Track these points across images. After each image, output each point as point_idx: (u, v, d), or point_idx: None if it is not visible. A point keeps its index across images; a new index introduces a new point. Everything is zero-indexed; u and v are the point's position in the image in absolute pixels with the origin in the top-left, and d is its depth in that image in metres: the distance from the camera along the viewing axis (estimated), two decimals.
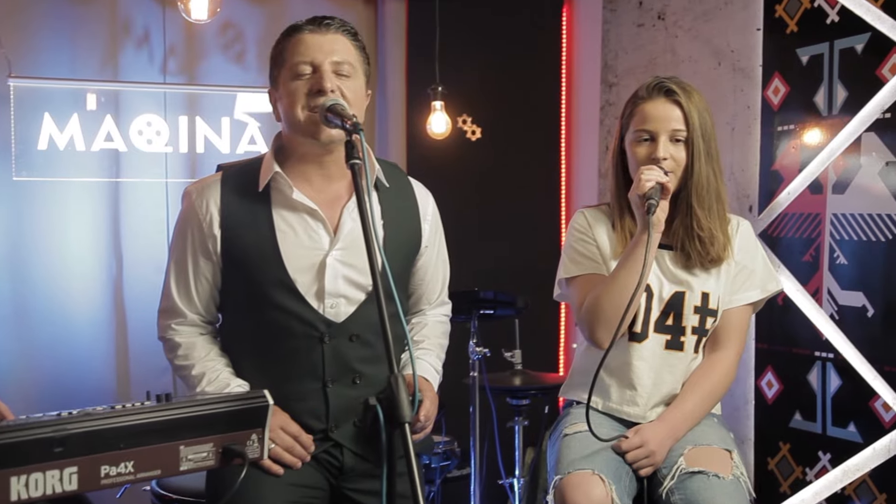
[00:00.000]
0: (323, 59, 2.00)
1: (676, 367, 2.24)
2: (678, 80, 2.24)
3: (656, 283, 2.23)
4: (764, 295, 2.30)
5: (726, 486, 2.00)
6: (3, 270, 3.63)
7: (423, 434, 2.05)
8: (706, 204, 2.20)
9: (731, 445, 2.16)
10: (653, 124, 2.19)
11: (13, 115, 3.61)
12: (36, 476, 1.48)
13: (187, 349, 2.09)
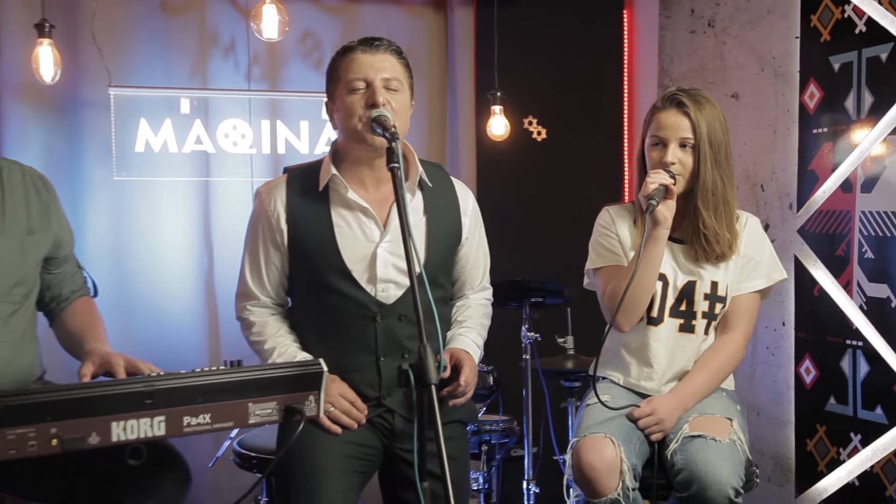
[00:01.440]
0: (374, 76, 2.28)
1: (688, 348, 2.47)
2: (692, 93, 2.46)
3: (671, 274, 2.47)
4: (769, 283, 2.52)
5: (722, 448, 2.22)
6: (105, 262, 3.98)
7: (465, 398, 2.31)
8: (711, 206, 2.43)
9: (734, 415, 2.38)
10: (664, 131, 2.43)
11: (113, 121, 3.97)
12: (131, 422, 1.80)
13: (260, 327, 2.40)
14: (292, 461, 2.19)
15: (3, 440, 1.68)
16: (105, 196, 3.98)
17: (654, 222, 2.36)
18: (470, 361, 2.31)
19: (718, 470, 2.15)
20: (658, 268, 2.40)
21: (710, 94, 3.54)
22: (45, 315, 2.43)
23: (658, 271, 2.41)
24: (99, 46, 3.92)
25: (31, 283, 2.23)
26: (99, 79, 3.96)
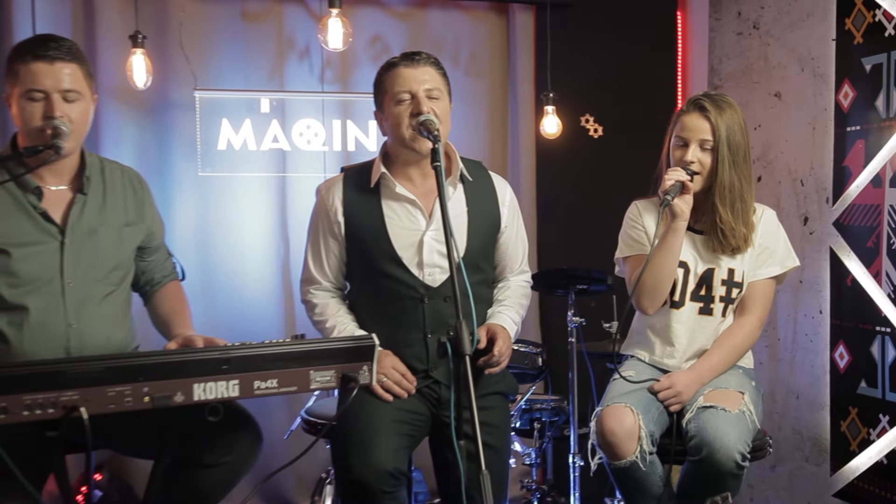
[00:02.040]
0: (418, 87, 2.56)
1: (707, 329, 2.70)
2: (715, 98, 2.68)
3: (692, 262, 2.70)
4: (783, 270, 2.73)
5: (731, 417, 2.44)
6: (191, 251, 4.33)
7: (500, 368, 2.57)
8: (728, 202, 2.65)
9: (746, 389, 2.59)
10: (686, 133, 2.66)
11: (198, 121, 4.33)
12: (210, 384, 2.11)
13: (322, 308, 2.70)
14: (349, 422, 2.48)
15: (104, 396, 2.00)
16: (191, 190, 4.34)
17: (672, 215, 2.60)
18: (504, 335, 2.57)
19: (726, 436, 2.38)
20: (677, 256, 2.63)
21: (755, 94, 3.78)
22: (141, 296, 2.76)
23: (677, 259, 2.64)
24: (185, 53, 4.28)
25: (126, 268, 2.56)
26: (185, 82, 4.32)
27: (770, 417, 3.89)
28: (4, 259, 2.29)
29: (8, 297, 2.30)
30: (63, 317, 2.34)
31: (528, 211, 4.73)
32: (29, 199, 2.37)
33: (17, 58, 2.34)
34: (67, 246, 2.38)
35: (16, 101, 2.34)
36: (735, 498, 2.44)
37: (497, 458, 2.59)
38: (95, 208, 2.47)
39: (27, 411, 1.94)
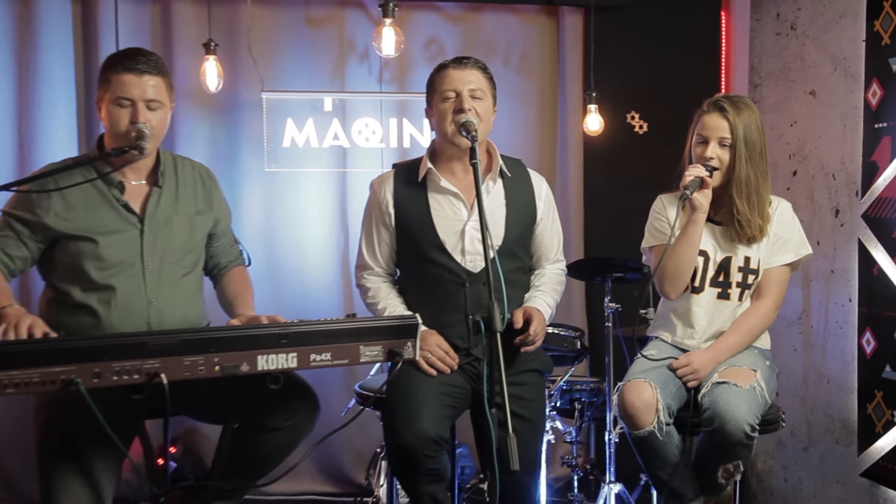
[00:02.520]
0: (462, 87, 2.82)
1: (724, 312, 2.91)
2: (734, 99, 2.89)
3: (712, 250, 2.92)
4: (797, 258, 2.93)
5: (741, 392, 2.65)
6: (257, 241, 4.66)
7: (535, 346, 2.81)
8: (745, 196, 2.85)
9: (759, 368, 2.80)
10: (706, 131, 2.87)
11: (265, 120, 4.65)
12: (272, 356, 2.39)
13: (375, 292, 2.98)
14: (397, 394, 2.75)
15: (180, 365, 2.30)
16: (258, 184, 4.67)
17: (691, 208, 2.82)
18: (539, 316, 2.82)
19: (736, 409, 2.59)
20: (697, 245, 2.85)
21: (792, 92, 3.96)
22: (210, 279, 3.07)
23: (697, 248, 2.86)
24: (254, 57, 4.59)
25: (198, 252, 2.87)
26: (253, 84, 4.64)
27: (803, 402, 4.07)
28: (93, 246, 2.61)
29: (97, 279, 2.62)
30: (144, 295, 2.66)
31: (576, 203, 4.97)
32: (112, 193, 2.69)
33: (110, 68, 2.66)
34: (146, 233, 2.69)
35: (106, 106, 2.66)
36: (767, 476, 2.65)
37: (532, 429, 2.85)
38: (170, 200, 2.78)
39: (116, 377, 2.25)
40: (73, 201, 2.64)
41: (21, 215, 2.63)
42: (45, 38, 4.48)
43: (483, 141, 2.91)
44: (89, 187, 2.66)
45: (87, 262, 2.62)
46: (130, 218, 2.69)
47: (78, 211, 2.63)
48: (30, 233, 2.63)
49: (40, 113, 4.50)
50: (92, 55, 4.53)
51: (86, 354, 2.22)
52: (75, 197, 2.64)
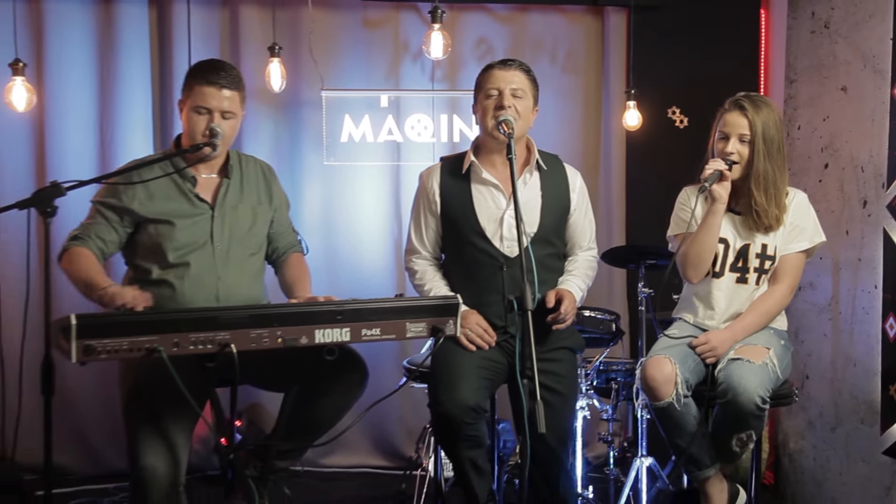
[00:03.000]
0: (505, 86, 3.10)
1: (742, 296, 3.15)
2: (753, 98, 3.12)
3: (731, 238, 3.15)
4: (811, 245, 3.15)
5: (754, 368, 2.89)
6: (317, 231, 4.98)
7: (566, 325, 3.08)
8: (762, 188, 3.08)
9: (773, 346, 3.02)
10: (727, 128, 3.10)
11: (324, 117, 4.97)
12: (327, 330, 2.70)
13: (422, 274, 3.27)
14: (440, 367, 3.05)
15: (248, 337, 2.61)
16: (317, 177, 5.01)
17: (711, 199, 3.06)
18: (570, 297, 3.08)
19: (748, 383, 2.83)
20: (717, 233, 3.08)
21: (825, 88, 4.17)
22: (271, 266, 3.39)
23: (717, 236, 3.09)
24: (314, 58, 4.92)
25: (260, 237, 3.20)
26: (314, 83, 4.96)
27: (831, 384, 4.26)
28: (170, 228, 2.96)
29: (173, 258, 2.97)
30: (214, 271, 3.00)
31: (618, 194, 5.21)
32: (186, 185, 3.04)
33: (194, 77, 3.01)
34: (216, 218, 3.04)
35: (186, 111, 3.01)
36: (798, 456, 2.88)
37: (564, 401, 3.12)
38: (236, 190, 3.12)
39: (192, 346, 2.57)
40: (154, 191, 2.99)
41: (111, 203, 2.99)
42: (123, 43, 4.85)
43: (522, 136, 3.18)
44: (167, 179, 3.01)
45: (165, 243, 2.96)
46: (202, 206, 3.04)
47: (157, 199, 2.98)
48: (118, 219, 2.98)
49: (119, 112, 4.88)
50: (166, 58, 4.90)
51: (167, 326, 2.55)
52: (156, 187, 2.99)
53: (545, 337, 3.09)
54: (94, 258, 2.96)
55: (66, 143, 4.88)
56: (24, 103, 4.43)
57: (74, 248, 2.98)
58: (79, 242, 2.98)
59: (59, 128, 4.86)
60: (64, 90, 4.82)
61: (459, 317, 2.83)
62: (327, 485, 4.99)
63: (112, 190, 3.01)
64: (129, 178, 2.98)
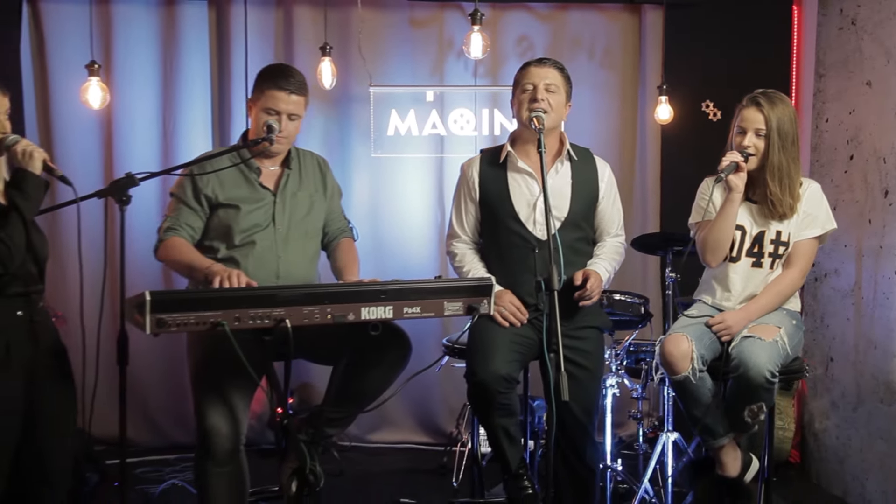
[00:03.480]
0: (539, 81, 3.36)
1: (757, 279, 3.36)
2: (769, 94, 3.32)
3: (748, 225, 3.36)
4: (823, 232, 3.35)
5: (765, 345, 3.10)
6: (365, 219, 5.26)
7: (591, 301, 3.31)
8: (776, 178, 3.28)
9: (784, 325, 3.23)
10: (745, 123, 3.32)
11: (372, 112, 5.27)
12: (372, 308, 2.97)
13: (461, 257, 3.54)
14: (476, 342, 3.31)
15: (301, 313, 2.89)
16: (365, 168, 5.31)
17: (728, 189, 3.28)
18: (595, 276, 3.31)
19: (758, 358, 3.05)
20: (733, 221, 3.30)
21: (851, 83, 4.37)
22: (324, 250, 3.67)
23: (734, 223, 3.31)
24: (363, 55, 5.21)
25: (316, 224, 3.48)
26: (362, 80, 5.26)
27: (854, 366, 4.46)
28: (237, 212, 3.26)
29: (239, 238, 3.27)
30: (275, 251, 3.29)
31: (653, 184, 5.44)
32: (252, 175, 3.34)
33: (265, 81, 3.29)
34: (277, 203, 3.33)
35: (255, 109, 3.30)
36: (823, 435, 3.09)
37: (590, 376, 3.37)
38: (295, 180, 3.42)
39: (251, 321, 2.86)
40: (224, 179, 3.29)
41: (192, 191, 3.29)
42: (185, 42, 5.20)
43: (555, 128, 3.42)
44: (235, 169, 3.32)
45: (233, 225, 3.26)
46: (265, 193, 3.34)
47: (227, 186, 3.29)
48: (200, 206, 3.29)
49: (180, 107, 5.23)
50: (224, 56, 5.23)
51: (229, 303, 2.84)
52: (226, 176, 3.30)
53: (573, 315, 3.34)
54: (189, 244, 3.27)
55: (132, 137, 5.24)
56: (98, 101, 4.80)
57: (170, 239, 3.27)
58: (173, 233, 3.27)
59: (125, 123, 5.23)
60: (130, 88, 5.18)
61: (493, 297, 3.08)
62: (374, 459, 5.30)
63: (190, 180, 3.31)
64: (203, 168, 3.28)
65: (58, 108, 5.18)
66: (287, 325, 2.88)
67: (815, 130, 4.97)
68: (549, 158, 3.43)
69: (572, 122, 5.37)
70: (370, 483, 4.84)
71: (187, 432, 5.31)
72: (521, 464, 3.38)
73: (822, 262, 4.78)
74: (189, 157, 4.81)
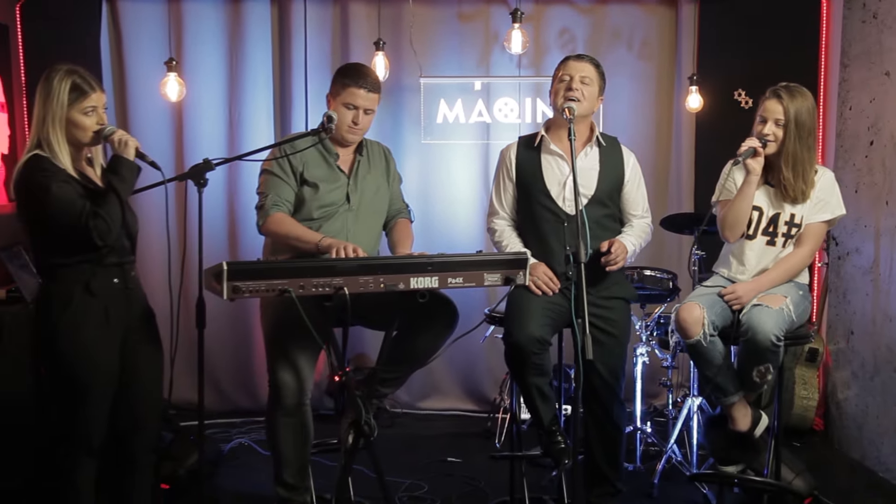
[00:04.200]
0: (575, 74, 3.71)
1: (770, 255, 3.67)
2: (790, 87, 3.63)
3: (765, 206, 3.67)
4: (833, 216, 3.65)
5: (771, 312, 3.42)
6: (415, 201, 5.47)
7: (615, 267, 3.64)
8: (790, 165, 3.59)
9: (791, 295, 3.54)
10: (766, 113, 3.63)
11: (422, 101, 5.66)
12: (420, 278, 3.36)
13: (500, 233, 3.91)
14: (512, 307, 3.67)
15: (357, 282, 3.29)
16: (415, 154, 5.71)
17: (746, 171, 3.61)
18: (620, 245, 3.63)
19: (765, 323, 3.38)
20: (751, 201, 3.62)
21: (871, 73, 4.68)
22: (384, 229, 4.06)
23: (751, 203, 3.62)
24: (414, 49, 5.59)
25: (381, 205, 3.88)
26: (413, 71, 5.65)
27: (871, 338, 4.76)
28: (315, 190, 3.67)
29: (317, 214, 3.68)
30: (345, 227, 3.70)
31: (687, 168, 5.77)
32: (331, 158, 3.75)
33: (346, 79, 3.69)
34: (350, 185, 3.74)
35: (336, 104, 3.69)
36: (844, 404, 3.39)
37: (616, 342, 3.73)
38: (366, 165, 3.83)
39: (314, 289, 3.26)
40: (307, 160, 3.70)
41: (288, 169, 3.68)
42: (249, 37, 5.64)
43: (587, 117, 3.77)
44: (317, 153, 3.73)
45: (312, 202, 3.68)
46: (341, 175, 3.75)
47: (310, 166, 3.70)
48: (294, 182, 3.69)
49: (245, 97, 5.67)
50: (286, 50, 5.65)
51: (295, 272, 3.24)
52: (309, 157, 3.71)
53: (600, 284, 3.69)
54: (292, 219, 3.68)
55: (200, 126, 5.70)
56: (176, 95, 5.26)
57: (276, 214, 3.66)
58: (276, 209, 3.66)
59: (194, 113, 5.68)
60: (199, 80, 5.62)
61: (528, 269, 3.47)
62: (423, 424, 5.73)
63: (286, 159, 3.69)
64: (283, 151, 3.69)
65: (134, 100, 5.65)
66: (345, 293, 3.28)
67: (840, 118, 5.25)
68: (580, 143, 3.78)
69: (612, 110, 5.72)
70: (419, 445, 5.26)
71: (250, 397, 5.79)
72: (553, 420, 3.75)
73: (845, 241, 5.08)
74: (253, 145, 5.33)
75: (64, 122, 3.17)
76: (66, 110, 3.16)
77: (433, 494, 4.42)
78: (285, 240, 3.64)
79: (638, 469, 4.62)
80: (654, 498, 4.35)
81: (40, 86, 3.20)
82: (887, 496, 4.44)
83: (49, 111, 3.15)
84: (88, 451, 3.27)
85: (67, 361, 3.21)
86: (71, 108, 3.17)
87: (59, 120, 3.16)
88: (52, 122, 3.15)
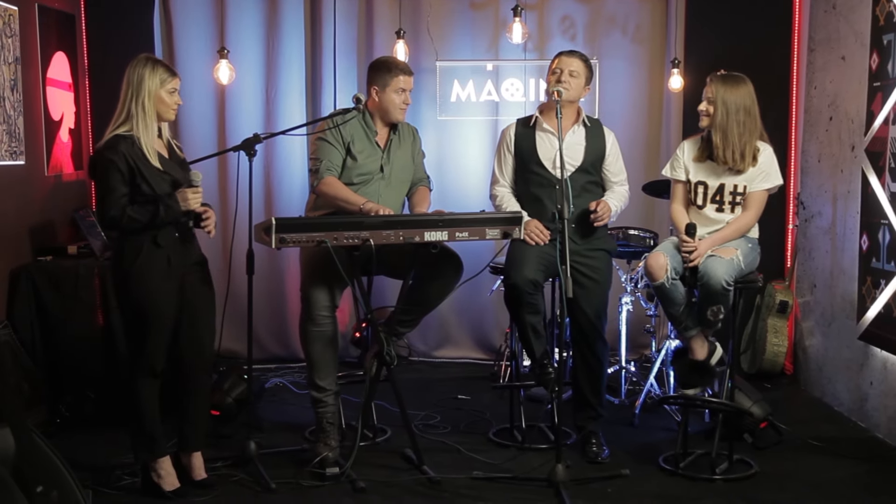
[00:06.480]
0: (565, 67, 4.41)
1: (721, 219, 4.33)
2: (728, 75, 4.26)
3: (710, 179, 4.29)
4: (772, 185, 4.30)
5: (723, 261, 4.08)
6: (432, 172, 6.00)
7: (601, 223, 4.37)
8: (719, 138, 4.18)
9: (741, 247, 4.19)
10: (705, 94, 4.29)
11: (438, 82, 6.34)
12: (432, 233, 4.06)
13: (501, 198, 4.61)
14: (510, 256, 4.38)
15: (381, 235, 4.01)
16: (432, 130, 6.38)
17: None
18: (605, 204, 4.33)
19: (717, 270, 4.05)
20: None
21: (831, 57, 5.39)
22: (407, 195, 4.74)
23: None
24: (431, 35, 6.28)
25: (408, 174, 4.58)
26: (430, 55, 6.33)
27: (830, 290, 5.44)
28: (356, 161, 4.36)
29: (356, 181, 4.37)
30: (378, 191, 4.40)
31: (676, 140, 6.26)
32: (371, 133, 4.45)
33: (394, 69, 4.40)
34: (383, 158, 4.45)
35: (385, 90, 4.38)
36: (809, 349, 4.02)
37: (598, 286, 4.43)
38: (397, 141, 4.53)
39: (346, 240, 3.99)
40: (351, 133, 4.39)
41: (339, 138, 4.35)
42: (284, 25, 6.34)
43: (573, 103, 4.45)
44: (359, 127, 4.42)
45: (352, 169, 4.36)
46: (377, 148, 4.45)
47: (355, 139, 4.39)
48: (343, 148, 4.36)
49: (280, 80, 6.38)
50: (317, 38, 6.36)
51: (329, 227, 3.98)
52: (354, 132, 4.40)
53: (586, 238, 4.40)
54: (340, 182, 4.34)
55: (241, 105, 6.41)
56: (227, 79, 6.01)
57: (329, 177, 4.31)
58: (328, 173, 4.31)
59: (235, 93, 6.39)
60: (239, 64, 6.32)
61: (523, 225, 4.19)
62: (437, 370, 6.48)
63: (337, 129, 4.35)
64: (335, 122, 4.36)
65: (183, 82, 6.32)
66: (371, 244, 4.00)
67: (807, 96, 5.91)
68: (569, 123, 4.47)
69: (609, 88, 6.37)
70: (433, 386, 5.99)
71: (283, 346, 6.52)
72: (544, 354, 4.46)
73: (811, 205, 5.75)
74: (287, 121, 6.13)
75: (154, 100, 3.86)
76: (157, 90, 3.86)
77: (445, 423, 5.15)
78: (334, 200, 4.29)
79: (623, 402, 5.35)
80: (636, 426, 5.07)
81: (131, 70, 3.87)
82: (836, 423, 5.16)
83: (143, 90, 3.83)
84: (153, 373, 3.96)
85: (137, 300, 3.89)
86: (161, 88, 3.87)
87: (152, 97, 3.85)
88: (147, 98, 3.84)
